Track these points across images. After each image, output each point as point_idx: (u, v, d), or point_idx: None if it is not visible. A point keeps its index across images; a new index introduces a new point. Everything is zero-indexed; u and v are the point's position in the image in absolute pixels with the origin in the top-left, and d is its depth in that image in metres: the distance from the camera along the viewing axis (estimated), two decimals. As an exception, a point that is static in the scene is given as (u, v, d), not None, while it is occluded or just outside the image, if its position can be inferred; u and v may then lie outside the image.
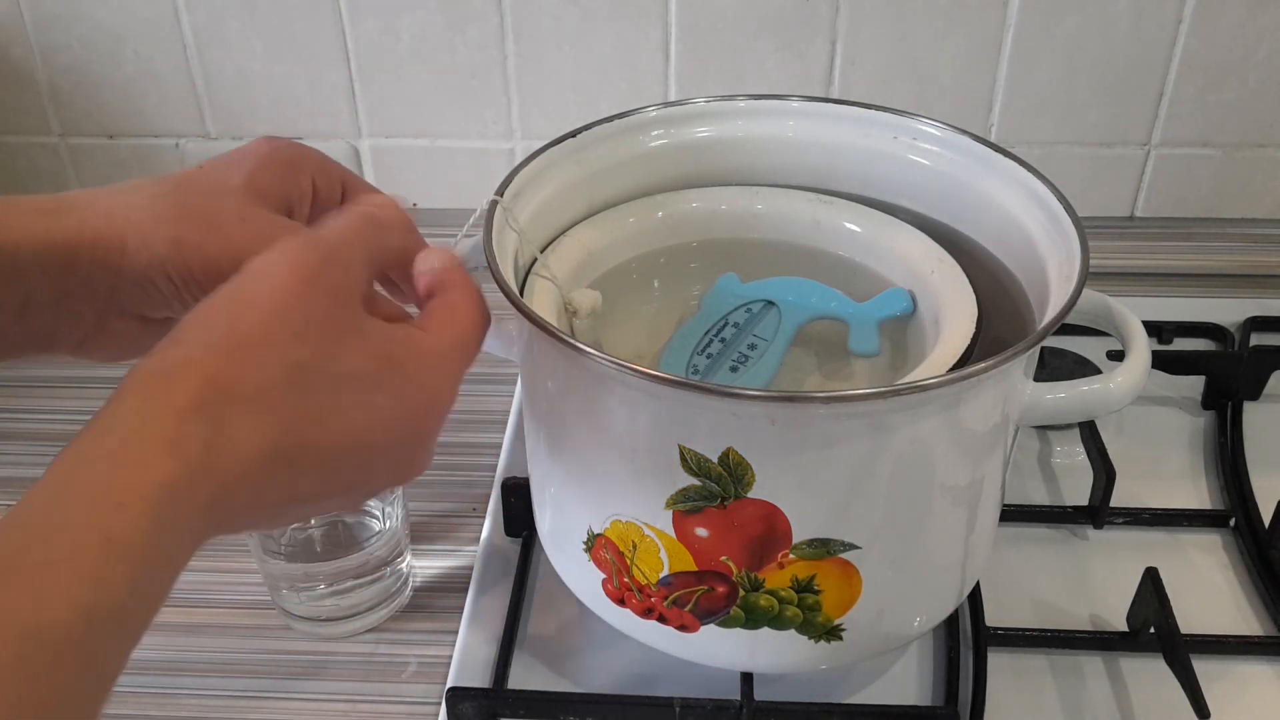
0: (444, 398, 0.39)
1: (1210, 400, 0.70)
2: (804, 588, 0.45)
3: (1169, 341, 0.74)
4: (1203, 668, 0.51)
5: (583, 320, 0.49)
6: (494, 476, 0.66)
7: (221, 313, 0.35)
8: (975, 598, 0.56)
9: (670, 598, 0.47)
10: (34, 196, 0.41)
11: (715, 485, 0.42)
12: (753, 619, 0.46)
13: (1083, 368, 0.69)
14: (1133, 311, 0.48)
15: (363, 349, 0.37)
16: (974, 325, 0.47)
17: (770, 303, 0.52)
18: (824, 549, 0.44)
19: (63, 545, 0.29)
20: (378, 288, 0.44)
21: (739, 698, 0.51)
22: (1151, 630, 0.54)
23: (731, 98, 0.56)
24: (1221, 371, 0.69)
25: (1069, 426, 0.67)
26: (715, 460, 0.42)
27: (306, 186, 0.46)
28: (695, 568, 0.45)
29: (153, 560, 0.30)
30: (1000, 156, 0.51)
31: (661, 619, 0.48)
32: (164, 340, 0.34)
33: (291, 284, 0.36)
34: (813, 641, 0.47)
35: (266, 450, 0.33)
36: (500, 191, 0.48)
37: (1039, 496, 0.64)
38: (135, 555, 0.30)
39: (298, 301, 0.36)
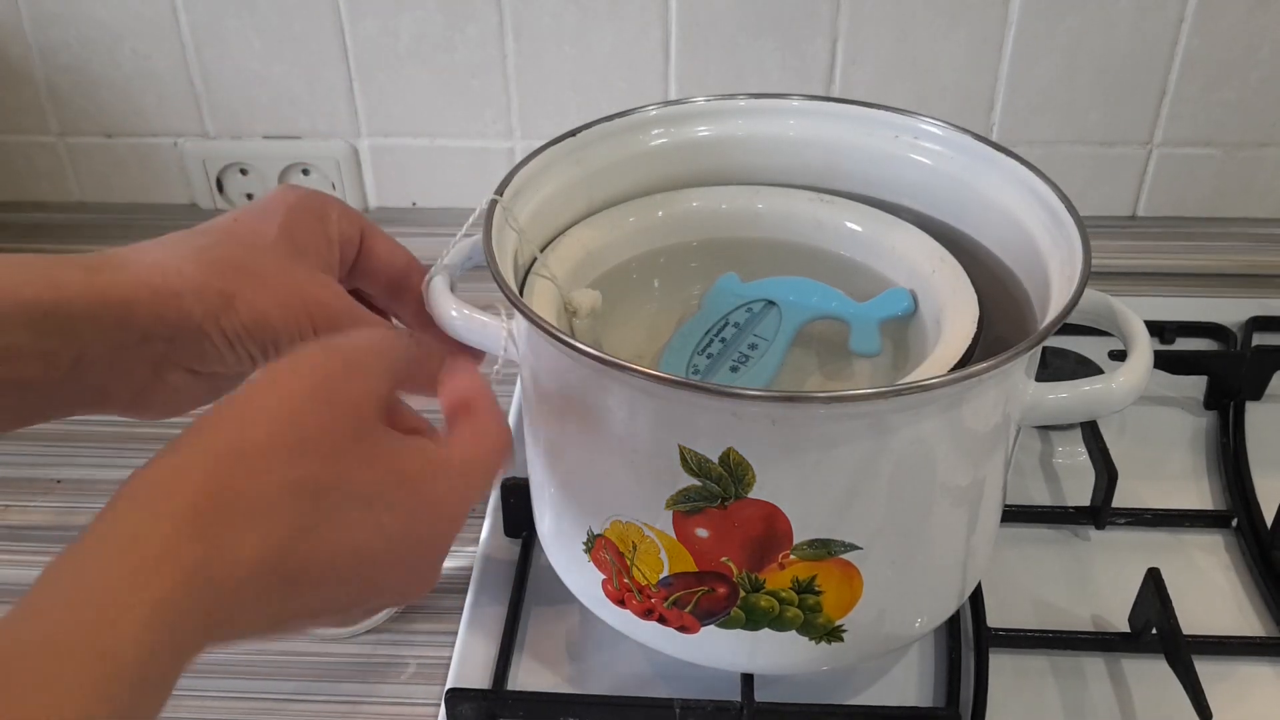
0: (457, 520, 0.38)
1: (1212, 400, 0.69)
2: (805, 588, 0.45)
3: (1171, 341, 0.74)
4: (1205, 669, 0.51)
5: (582, 320, 0.49)
6: (494, 477, 0.65)
7: (226, 420, 0.34)
8: (977, 598, 0.56)
9: (670, 598, 0.47)
10: (80, 255, 0.41)
11: (716, 486, 0.42)
12: (753, 620, 0.46)
13: (1084, 368, 0.69)
14: (1135, 311, 0.47)
15: (375, 465, 0.35)
16: (975, 325, 0.47)
17: (771, 302, 0.52)
18: (825, 550, 0.44)
19: (57, 663, 0.28)
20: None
21: (739, 699, 0.51)
22: (1153, 631, 0.54)
23: (732, 96, 0.55)
24: (1223, 371, 0.69)
25: (1071, 427, 0.67)
26: (716, 460, 0.42)
27: (334, 234, 0.46)
28: (696, 568, 0.45)
29: (148, 676, 0.30)
30: (1002, 155, 0.51)
31: (662, 620, 0.48)
32: (164, 447, 0.33)
33: (304, 393, 0.35)
34: (813, 642, 0.47)
35: (265, 565, 0.32)
36: (500, 191, 0.48)
37: (1041, 497, 0.64)
38: (130, 673, 0.29)
39: (309, 411, 0.34)
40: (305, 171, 0.85)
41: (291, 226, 0.44)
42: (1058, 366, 0.69)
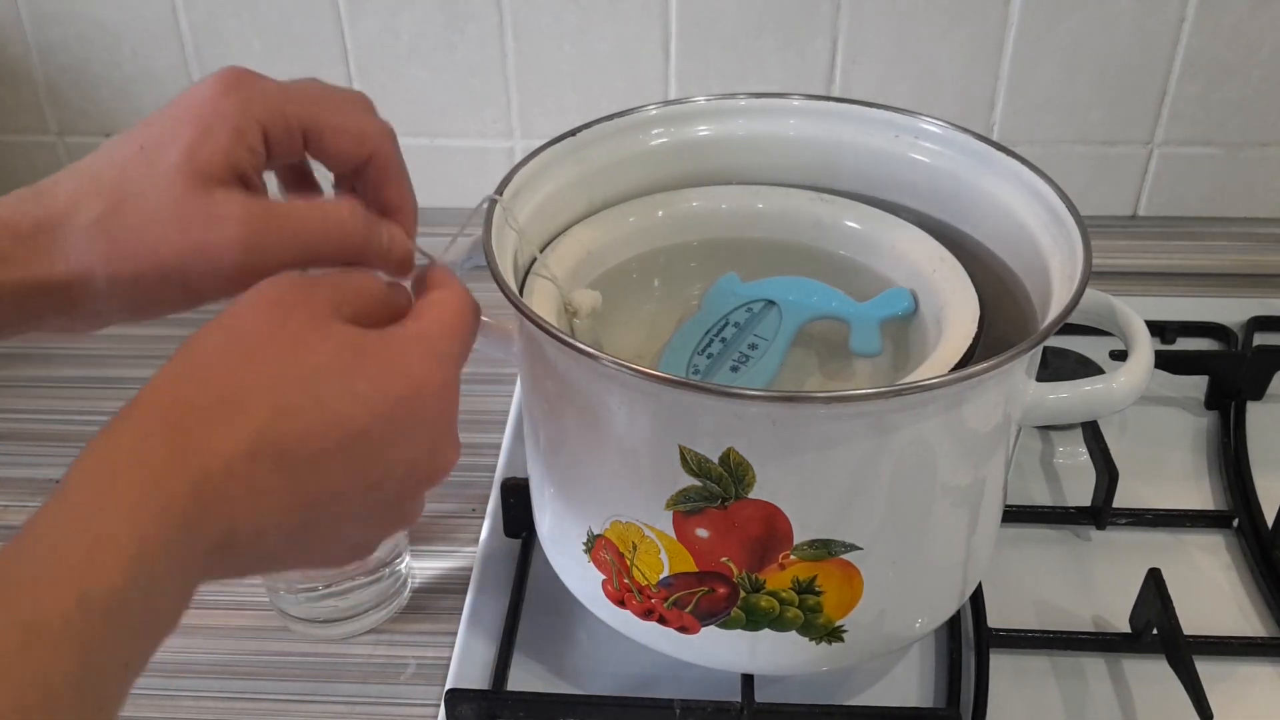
0: (432, 382, 0.38)
1: (1213, 400, 0.69)
2: (805, 589, 0.45)
3: (1172, 341, 0.74)
4: (1205, 669, 0.51)
5: (582, 320, 0.49)
6: (493, 477, 0.65)
7: (181, 355, 0.36)
8: (977, 599, 0.56)
9: (670, 599, 0.47)
10: (14, 217, 0.41)
11: (716, 486, 0.42)
12: (753, 620, 0.46)
13: (1085, 368, 0.69)
14: (1135, 311, 0.47)
15: (327, 342, 0.36)
16: (976, 325, 0.47)
17: (771, 302, 0.52)
18: (825, 550, 0.44)
19: (50, 551, 0.30)
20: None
21: (739, 699, 0.50)
22: (1154, 631, 0.54)
23: (732, 96, 0.55)
24: (1224, 371, 0.69)
25: (1071, 427, 0.67)
26: (716, 461, 0.41)
27: (257, 144, 0.43)
28: (696, 569, 0.45)
29: (147, 555, 0.31)
30: (1002, 155, 0.51)
31: (662, 620, 0.48)
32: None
33: (250, 311, 0.36)
34: (814, 643, 0.47)
35: (245, 447, 0.33)
36: (500, 190, 0.48)
37: (1041, 497, 0.64)
38: (124, 549, 0.30)
39: (257, 319, 0.36)
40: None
41: (198, 149, 0.41)
42: (1058, 366, 0.69)
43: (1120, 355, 0.68)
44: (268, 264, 0.41)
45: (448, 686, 0.53)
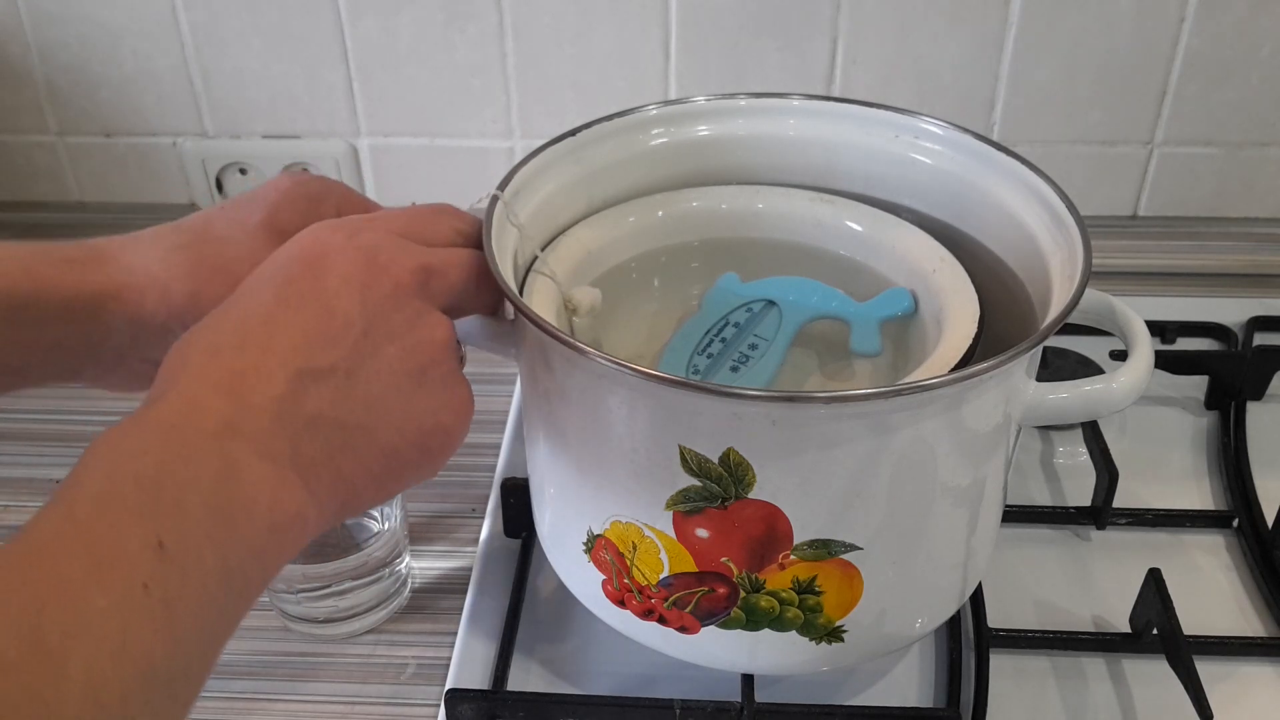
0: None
1: (1213, 400, 0.69)
2: (805, 589, 0.45)
3: (1172, 341, 0.74)
4: (1206, 669, 0.51)
5: (582, 319, 0.49)
6: (493, 477, 0.65)
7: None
8: (977, 599, 0.56)
9: (670, 599, 0.47)
10: (65, 245, 0.43)
11: (716, 486, 0.42)
12: (754, 620, 0.46)
13: (1085, 368, 0.69)
14: (1135, 311, 0.48)
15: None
16: (976, 325, 0.47)
17: (771, 302, 0.52)
18: (825, 550, 0.44)
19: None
20: None
21: (740, 700, 0.50)
22: (1154, 631, 0.54)
23: (732, 96, 0.55)
24: (1225, 371, 0.69)
25: (1071, 427, 0.67)
26: (716, 461, 0.41)
27: (330, 216, 0.46)
28: (696, 569, 0.45)
29: (195, 480, 0.32)
30: (1002, 155, 0.51)
31: (662, 620, 0.48)
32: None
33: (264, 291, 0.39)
34: (814, 643, 0.47)
35: (288, 374, 0.36)
36: (500, 188, 0.48)
37: (1041, 497, 0.64)
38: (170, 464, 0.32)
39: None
40: (305, 171, 0.85)
41: (277, 213, 0.45)
42: (1058, 366, 0.69)
43: (1120, 355, 0.68)
44: None
45: (448, 686, 0.53)
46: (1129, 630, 0.55)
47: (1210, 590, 0.58)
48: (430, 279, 0.41)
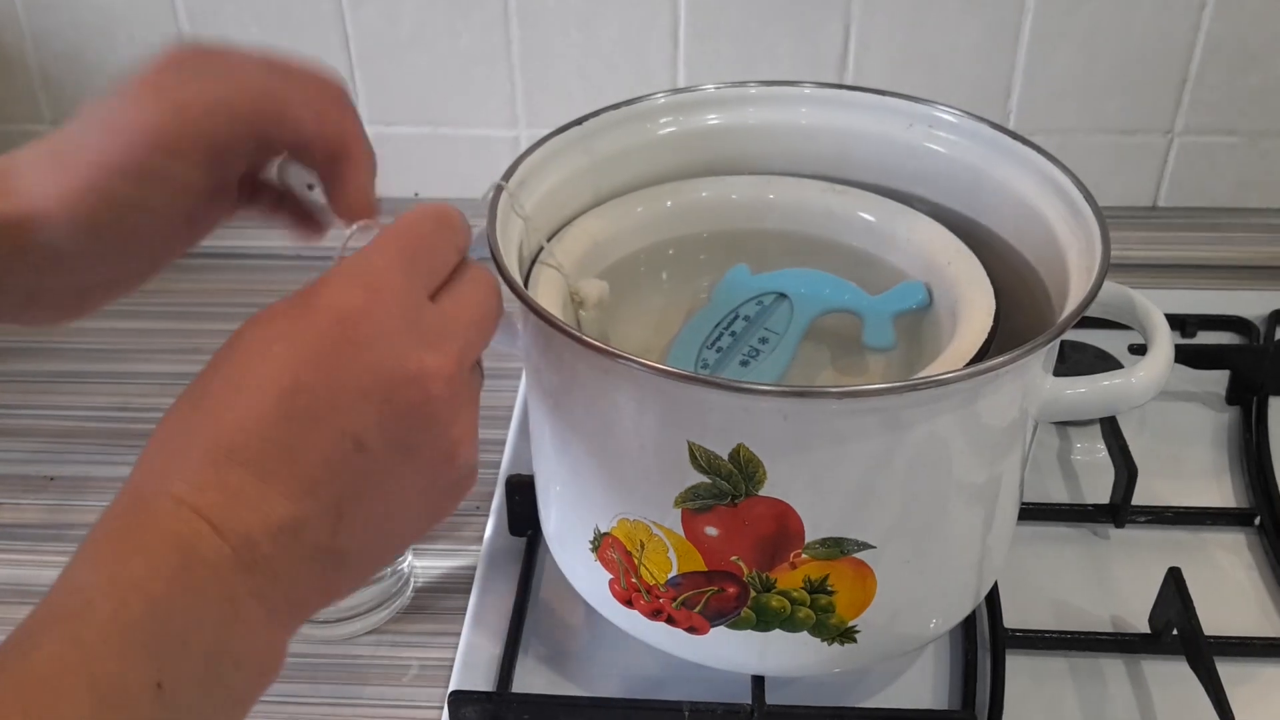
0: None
1: (1234, 395, 0.69)
2: (817, 588, 0.45)
3: (1192, 335, 0.74)
4: (1227, 670, 0.51)
5: (589, 312, 0.49)
6: (498, 474, 0.65)
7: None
8: (993, 598, 0.56)
9: (679, 599, 0.46)
10: None
11: (725, 483, 0.42)
12: (764, 620, 0.46)
13: (1103, 362, 0.69)
14: (1155, 304, 0.47)
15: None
16: (991, 318, 0.47)
17: (782, 295, 0.51)
18: (837, 548, 0.43)
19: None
20: None
21: (750, 702, 0.50)
22: (1174, 632, 0.53)
23: (742, 84, 0.55)
24: (1246, 365, 0.68)
25: (1089, 422, 0.67)
26: (725, 457, 0.41)
27: (217, 124, 0.42)
28: (705, 568, 0.45)
29: (200, 622, 0.32)
30: (1019, 144, 0.51)
31: (670, 620, 0.47)
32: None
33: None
34: (826, 644, 0.47)
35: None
36: (505, 178, 0.48)
37: (1059, 494, 0.64)
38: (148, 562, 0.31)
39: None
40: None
41: (155, 76, 0.41)
42: (1076, 360, 0.68)
43: (1139, 349, 0.68)
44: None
45: (451, 688, 0.53)
46: (1148, 631, 0.55)
47: (1232, 590, 0.58)
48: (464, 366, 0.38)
